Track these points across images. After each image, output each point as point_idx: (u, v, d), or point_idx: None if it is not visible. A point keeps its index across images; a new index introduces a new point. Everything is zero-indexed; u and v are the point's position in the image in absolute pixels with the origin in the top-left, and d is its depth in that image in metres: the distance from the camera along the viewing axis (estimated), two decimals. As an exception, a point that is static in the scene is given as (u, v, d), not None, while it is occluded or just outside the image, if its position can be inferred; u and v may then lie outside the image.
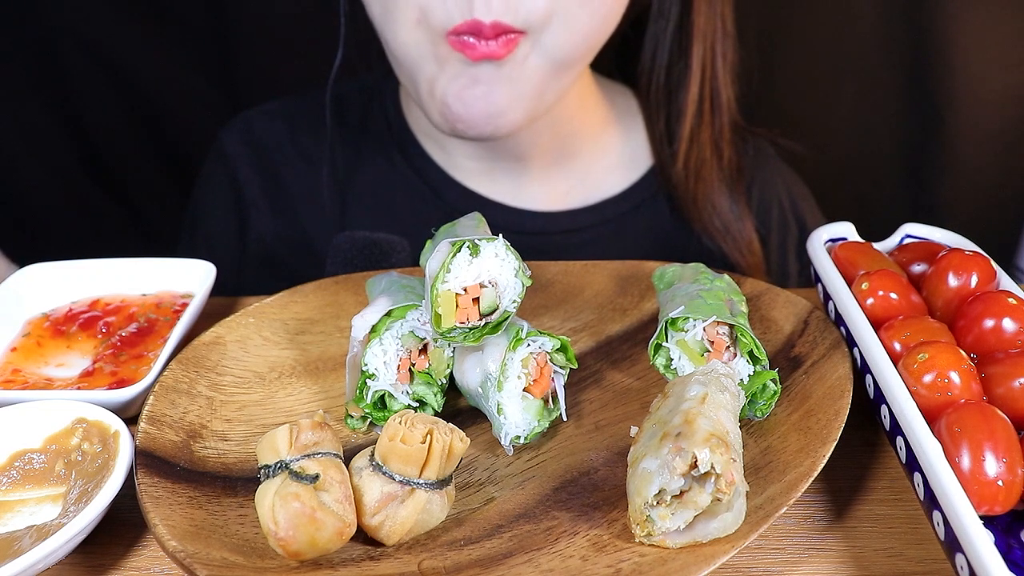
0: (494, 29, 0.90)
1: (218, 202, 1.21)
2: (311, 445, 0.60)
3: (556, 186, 1.16)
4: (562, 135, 1.13)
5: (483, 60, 0.92)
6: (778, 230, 1.21)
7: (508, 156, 1.13)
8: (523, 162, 1.13)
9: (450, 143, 1.13)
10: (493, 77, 0.94)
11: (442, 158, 1.15)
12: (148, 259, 0.90)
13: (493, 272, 0.69)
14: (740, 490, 0.57)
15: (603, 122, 1.17)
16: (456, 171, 1.15)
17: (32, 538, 0.60)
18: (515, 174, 1.14)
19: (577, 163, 1.16)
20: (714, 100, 1.12)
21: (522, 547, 0.60)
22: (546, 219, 1.14)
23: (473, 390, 0.72)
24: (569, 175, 1.16)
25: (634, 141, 1.19)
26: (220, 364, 0.78)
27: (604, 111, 1.17)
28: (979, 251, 0.75)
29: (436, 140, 1.15)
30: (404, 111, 1.17)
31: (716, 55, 1.10)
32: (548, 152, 1.13)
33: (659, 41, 1.11)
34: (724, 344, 0.72)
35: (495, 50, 0.91)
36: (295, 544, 0.56)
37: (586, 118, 1.15)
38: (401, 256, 1.05)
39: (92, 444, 0.66)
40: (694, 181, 1.13)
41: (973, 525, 0.52)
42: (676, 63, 1.11)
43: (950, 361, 0.62)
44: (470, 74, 0.94)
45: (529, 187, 1.15)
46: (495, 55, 0.91)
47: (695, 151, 1.13)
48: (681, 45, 1.09)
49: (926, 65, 1.44)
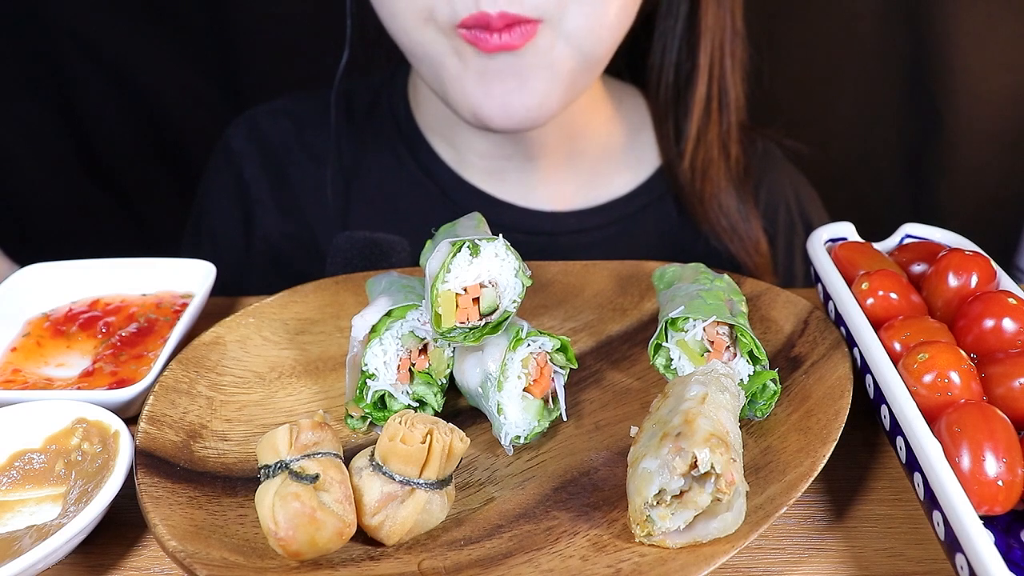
0: (502, 19, 0.88)
1: (223, 200, 1.21)
2: (311, 445, 0.60)
3: (564, 186, 1.15)
4: (571, 134, 1.13)
5: (498, 52, 0.91)
6: (785, 232, 1.21)
7: (518, 155, 1.13)
8: (532, 161, 1.13)
9: (461, 142, 1.13)
10: (517, 68, 0.93)
11: (451, 157, 1.14)
12: (148, 259, 0.90)
13: (493, 272, 0.69)
14: (740, 490, 0.57)
15: (611, 122, 1.17)
16: (465, 170, 1.14)
17: (32, 538, 0.60)
18: (524, 174, 1.14)
19: (585, 163, 1.16)
20: (722, 99, 1.12)
21: (522, 547, 0.60)
22: (554, 219, 1.14)
23: (473, 390, 0.72)
24: (577, 175, 1.16)
25: (642, 142, 1.18)
26: (220, 364, 0.78)
27: (612, 111, 1.17)
28: (979, 251, 0.75)
29: (446, 139, 1.14)
30: (413, 109, 1.17)
31: (725, 54, 1.09)
32: (557, 151, 1.13)
33: (668, 39, 1.11)
34: (724, 344, 0.72)
35: (509, 41, 0.90)
36: (295, 544, 0.56)
37: (594, 117, 1.15)
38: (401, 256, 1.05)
39: (92, 444, 0.66)
40: (701, 180, 1.12)
41: (973, 525, 0.52)
42: (684, 61, 1.11)
43: (950, 361, 0.62)
44: (493, 69, 0.93)
45: (537, 187, 1.15)
46: (509, 46, 0.90)
47: (702, 150, 1.12)
48: (690, 43, 1.09)
49: (926, 65, 1.44)
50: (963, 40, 1.40)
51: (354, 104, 1.19)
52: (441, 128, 1.14)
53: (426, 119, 1.15)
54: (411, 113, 1.17)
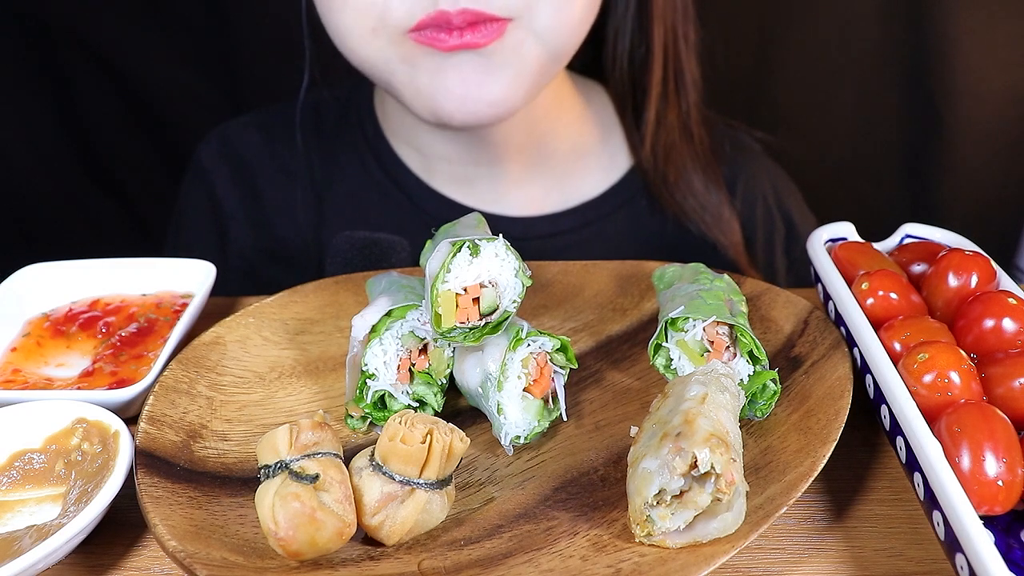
0: (462, 17, 0.86)
1: (198, 217, 1.20)
2: (311, 445, 0.60)
3: (533, 190, 1.14)
4: (539, 136, 1.11)
5: (458, 51, 0.89)
6: (764, 226, 1.19)
7: (485, 160, 1.11)
8: (500, 166, 1.11)
9: (427, 148, 1.11)
10: (478, 66, 0.91)
11: (419, 165, 1.13)
12: (148, 259, 0.90)
13: (493, 272, 0.69)
14: (740, 490, 0.57)
15: (580, 121, 1.15)
16: (433, 179, 1.12)
17: (32, 538, 0.60)
18: (492, 180, 1.12)
19: (554, 165, 1.14)
20: (678, 81, 1.11)
21: (522, 547, 0.60)
22: (524, 224, 1.12)
23: (473, 390, 0.72)
24: (546, 178, 1.14)
25: (612, 142, 1.17)
26: (220, 364, 0.78)
27: (580, 109, 1.15)
28: (979, 251, 0.75)
29: (413, 146, 1.12)
30: (379, 118, 1.15)
31: (678, 36, 1.09)
32: (525, 152, 1.11)
33: (620, 25, 1.10)
34: (724, 344, 0.72)
35: (471, 40, 0.88)
36: (295, 544, 0.56)
37: (562, 116, 1.13)
38: (401, 256, 1.05)
39: (92, 444, 0.66)
40: (664, 163, 1.11)
41: (973, 525, 0.52)
42: (638, 47, 1.10)
43: (950, 361, 0.62)
44: (450, 65, 0.90)
45: (507, 193, 1.13)
46: (472, 45, 0.88)
47: (663, 133, 1.11)
48: (642, 27, 1.08)
49: (926, 65, 1.44)
50: (963, 40, 1.40)
51: (322, 117, 1.18)
52: (407, 135, 1.12)
53: (393, 127, 1.14)
54: (377, 123, 1.15)
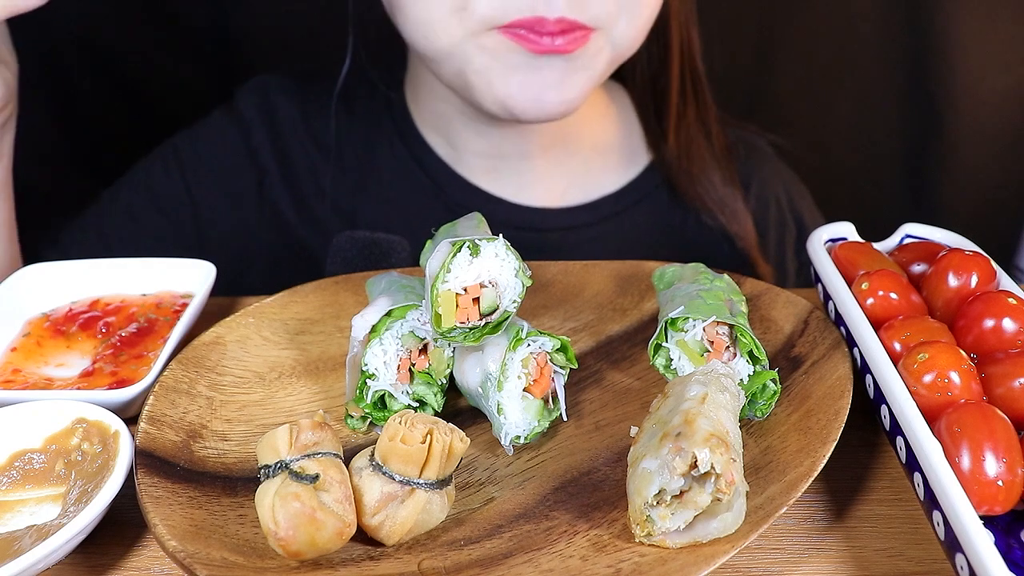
0: (558, 25, 0.90)
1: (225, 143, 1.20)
2: (311, 445, 0.60)
3: (556, 183, 1.16)
4: (568, 132, 1.14)
5: (548, 54, 0.92)
6: (776, 228, 1.21)
7: (515, 154, 1.13)
8: (528, 160, 1.14)
9: (458, 140, 1.13)
10: (560, 69, 0.94)
11: (447, 153, 1.15)
12: (148, 259, 0.90)
13: (493, 272, 0.69)
14: (740, 490, 0.57)
15: (603, 117, 1.18)
16: (460, 166, 1.15)
17: (32, 538, 0.60)
18: (519, 172, 1.15)
19: (578, 160, 1.17)
20: (694, 80, 1.14)
21: (522, 547, 0.60)
22: (544, 216, 1.14)
23: (473, 390, 0.72)
24: (570, 172, 1.17)
25: (632, 138, 1.19)
26: (220, 364, 0.78)
27: (604, 106, 1.18)
28: (979, 251, 0.75)
29: (443, 136, 1.15)
30: (410, 106, 1.17)
31: (692, 37, 1.12)
32: (553, 147, 1.14)
33: None
34: (724, 344, 0.72)
35: (562, 46, 0.91)
36: (295, 544, 0.56)
37: (590, 114, 1.16)
38: (401, 256, 1.05)
39: (92, 444, 0.66)
40: (687, 159, 1.15)
41: (973, 525, 0.52)
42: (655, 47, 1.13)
43: (950, 361, 0.62)
44: (536, 66, 0.94)
45: (531, 184, 1.15)
46: (562, 50, 0.91)
47: (684, 130, 1.15)
48: (657, 28, 1.10)
49: (926, 66, 1.44)
50: (963, 40, 1.40)
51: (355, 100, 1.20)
52: (437, 124, 1.14)
53: (423, 116, 1.16)
54: (407, 109, 1.17)
